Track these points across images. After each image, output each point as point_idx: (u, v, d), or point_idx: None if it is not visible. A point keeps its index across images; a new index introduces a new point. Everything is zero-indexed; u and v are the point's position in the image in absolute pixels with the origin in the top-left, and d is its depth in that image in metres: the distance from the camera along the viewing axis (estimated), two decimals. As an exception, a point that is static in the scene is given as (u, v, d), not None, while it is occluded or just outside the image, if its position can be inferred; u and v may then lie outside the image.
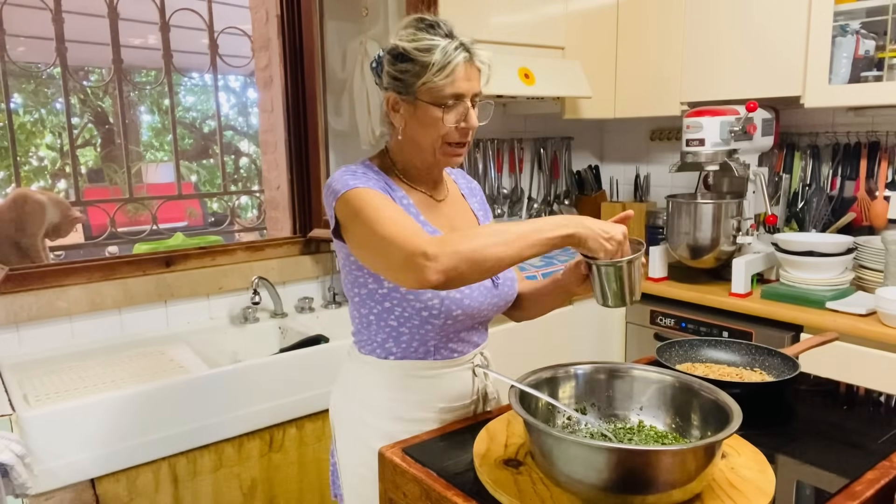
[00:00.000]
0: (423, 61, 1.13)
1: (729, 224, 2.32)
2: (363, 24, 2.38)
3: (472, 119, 1.18)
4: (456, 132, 1.18)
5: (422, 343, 1.24)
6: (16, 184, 3.56)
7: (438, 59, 1.12)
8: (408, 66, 1.15)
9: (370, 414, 1.27)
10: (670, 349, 1.39)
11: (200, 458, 1.78)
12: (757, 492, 0.90)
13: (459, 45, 1.15)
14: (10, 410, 1.53)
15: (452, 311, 1.20)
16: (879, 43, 2.09)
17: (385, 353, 1.26)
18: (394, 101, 1.19)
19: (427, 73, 1.13)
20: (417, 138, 1.20)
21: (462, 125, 1.17)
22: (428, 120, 1.16)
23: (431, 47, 1.13)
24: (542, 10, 2.51)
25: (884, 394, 1.33)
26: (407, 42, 1.15)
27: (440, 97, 1.14)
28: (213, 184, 8.27)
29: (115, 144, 7.69)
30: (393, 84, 1.18)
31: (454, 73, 1.13)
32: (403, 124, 1.20)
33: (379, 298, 1.22)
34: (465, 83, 1.15)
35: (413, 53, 1.14)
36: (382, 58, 1.20)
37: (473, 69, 1.17)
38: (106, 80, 6.28)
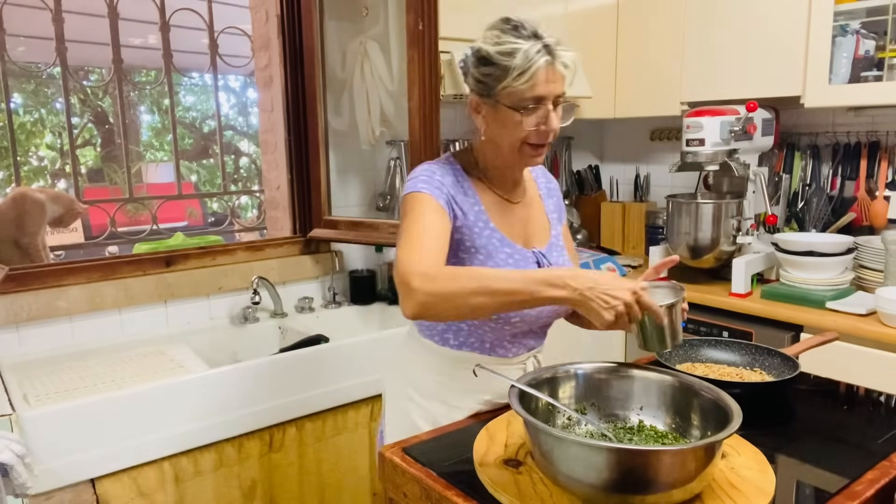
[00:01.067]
0: (505, 65, 1.13)
1: (729, 224, 2.32)
2: (363, 24, 2.38)
3: (552, 122, 1.17)
4: (535, 135, 1.18)
5: (478, 340, 1.27)
6: (16, 183, 3.55)
7: (519, 63, 1.12)
8: (490, 70, 1.16)
9: (418, 393, 1.32)
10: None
11: (200, 458, 1.78)
12: (757, 492, 0.90)
13: (542, 47, 1.14)
14: (10, 410, 1.53)
15: (511, 317, 1.23)
16: (879, 43, 2.09)
17: (443, 342, 1.30)
18: (476, 104, 1.21)
19: (508, 77, 1.13)
20: (498, 140, 1.21)
21: (542, 128, 1.17)
22: (508, 123, 1.17)
23: (514, 51, 1.13)
24: (541, 10, 2.51)
25: (884, 394, 1.33)
26: (490, 45, 1.16)
27: (520, 101, 1.15)
28: (213, 184, 8.27)
29: (115, 144, 7.69)
30: (476, 86, 1.19)
31: (535, 77, 1.13)
32: (485, 126, 1.22)
33: None
34: (545, 86, 1.14)
35: (495, 57, 1.14)
36: (468, 58, 1.21)
37: (556, 71, 1.15)
38: (106, 80, 6.27)
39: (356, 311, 2.52)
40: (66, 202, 2.77)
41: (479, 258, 1.22)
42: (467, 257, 1.23)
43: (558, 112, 1.19)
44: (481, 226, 1.24)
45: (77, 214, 2.80)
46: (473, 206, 1.24)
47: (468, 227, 1.23)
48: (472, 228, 1.23)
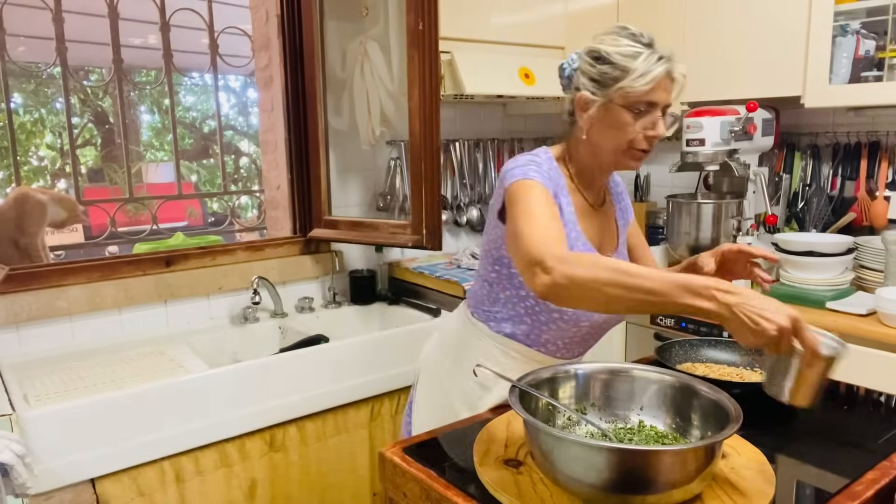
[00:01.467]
0: (624, 66, 1.16)
1: (729, 224, 2.31)
2: (363, 24, 2.38)
3: (661, 128, 1.20)
4: (643, 139, 1.20)
5: (537, 336, 1.29)
6: (16, 183, 3.56)
7: (640, 66, 1.15)
8: (607, 69, 1.18)
9: (457, 370, 1.35)
10: (670, 349, 1.39)
11: (200, 458, 1.78)
12: (757, 492, 0.90)
13: (661, 56, 1.17)
14: (10, 410, 1.53)
15: (581, 320, 1.25)
16: (880, 43, 2.09)
17: (498, 329, 1.32)
18: (585, 101, 1.22)
19: (627, 77, 1.16)
20: (601, 140, 1.23)
21: (650, 132, 1.19)
22: (617, 123, 1.19)
23: (636, 54, 1.16)
24: (542, 10, 2.51)
25: (884, 394, 1.33)
26: (610, 46, 1.19)
27: (635, 102, 1.17)
28: (213, 184, 8.27)
29: (115, 144, 7.69)
30: (588, 84, 1.21)
31: (654, 81, 1.16)
32: (589, 125, 1.23)
33: (518, 284, 1.27)
34: (661, 93, 1.18)
35: (615, 57, 1.17)
36: (576, 60, 1.24)
37: (670, 81, 1.19)
38: (106, 80, 6.27)
39: (356, 311, 2.52)
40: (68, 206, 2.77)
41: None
42: None
43: (665, 120, 1.21)
44: (570, 226, 1.24)
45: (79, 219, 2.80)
46: (567, 206, 1.25)
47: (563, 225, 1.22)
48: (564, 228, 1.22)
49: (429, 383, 1.43)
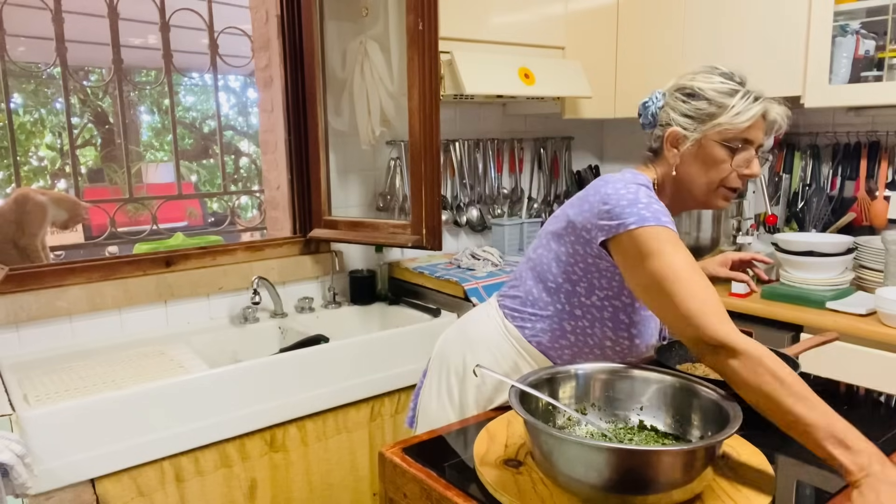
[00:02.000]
0: (721, 102, 1.16)
1: (729, 224, 2.32)
2: (363, 24, 2.38)
3: (756, 168, 1.19)
4: (737, 178, 1.19)
5: (572, 354, 1.27)
6: (16, 184, 3.56)
7: (738, 103, 1.16)
8: (703, 105, 1.18)
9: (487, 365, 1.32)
10: (670, 349, 1.39)
11: (200, 458, 1.78)
12: (757, 492, 0.90)
13: (758, 96, 1.18)
14: (10, 410, 1.53)
15: (627, 354, 1.24)
16: (879, 43, 2.09)
17: (532, 338, 1.29)
18: (677, 137, 1.21)
19: (724, 114, 1.16)
20: (693, 177, 1.21)
21: (744, 171, 1.19)
22: (712, 160, 1.18)
23: (732, 91, 1.17)
24: (542, 10, 2.51)
25: (884, 394, 1.33)
26: (704, 83, 1.19)
27: (731, 139, 1.17)
28: (213, 184, 8.28)
29: (115, 144, 7.69)
30: (681, 120, 1.20)
31: (751, 120, 1.16)
32: (678, 161, 1.21)
33: (575, 303, 1.24)
34: (757, 132, 1.18)
35: (710, 94, 1.18)
36: (661, 98, 1.23)
37: (766, 122, 1.20)
38: (106, 80, 6.28)
39: (356, 311, 2.52)
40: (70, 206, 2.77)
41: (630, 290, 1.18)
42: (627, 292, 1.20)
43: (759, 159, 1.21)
44: None
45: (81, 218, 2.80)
46: None
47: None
48: None
49: (442, 377, 1.39)
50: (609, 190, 1.14)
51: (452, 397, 1.37)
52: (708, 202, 1.23)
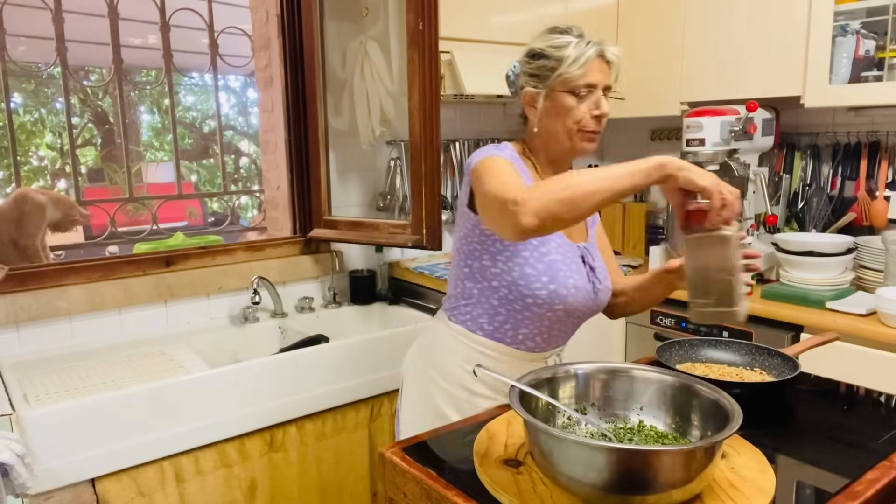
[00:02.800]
0: (559, 56, 1.25)
1: (729, 224, 2.31)
2: (363, 24, 2.38)
3: (604, 106, 1.27)
4: (591, 119, 1.27)
5: (514, 328, 1.32)
6: (16, 184, 3.55)
7: (572, 53, 1.24)
8: (544, 62, 1.27)
9: (441, 377, 1.37)
10: (670, 349, 1.39)
11: (200, 458, 1.78)
12: (757, 492, 0.90)
13: (590, 41, 1.26)
14: (10, 410, 1.53)
15: (555, 304, 1.28)
16: (879, 43, 2.09)
17: (475, 328, 1.34)
18: (530, 97, 1.31)
19: (562, 65, 1.25)
20: (552, 128, 1.30)
21: (595, 112, 1.27)
22: (563, 109, 1.27)
23: (566, 44, 1.26)
24: (542, 10, 2.51)
25: (884, 394, 1.33)
26: (542, 43, 1.29)
27: (575, 86, 1.25)
28: (213, 184, 8.28)
29: (115, 144, 7.69)
30: (530, 81, 1.30)
31: (587, 64, 1.24)
32: (539, 117, 1.31)
33: (489, 276, 1.30)
34: (597, 74, 1.26)
35: (548, 51, 1.27)
36: (518, 66, 1.33)
37: (604, 63, 1.28)
38: (106, 80, 6.28)
39: (356, 311, 2.52)
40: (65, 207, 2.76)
41: (533, 243, 1.28)
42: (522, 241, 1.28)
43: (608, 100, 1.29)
44: None
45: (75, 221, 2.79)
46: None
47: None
48: None
49: (413, 392, 1.44)
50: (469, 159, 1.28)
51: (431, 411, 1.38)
52: (573, 147, 1.30)
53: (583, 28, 1.30)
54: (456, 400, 1.35)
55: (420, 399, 1.41)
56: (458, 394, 1.35)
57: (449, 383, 1.36)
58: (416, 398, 1.42)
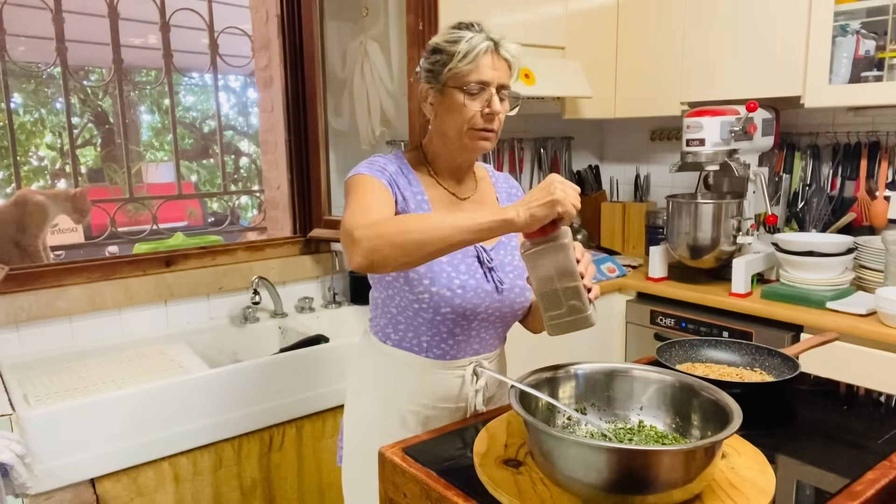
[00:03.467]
0: (451, 51, 1.21)
1: (729, 224, 2.32)
2: (363, 24, 2.38)
3: (495, 104, 1.22)
4: (481, 118, 1.22)
5: (416, 336, 1.28)
6: (16, 184, 3.55)
7: (464, 47, 1.20)
8: (437, 57, 1.23)
9: (365, 390, 1.35)
10: (670, 349, 1.39)
11: (200, 458, 1.78)
12: (757, 492, 0.90)
13: (486, 37, 1.22)
14: (10, 410, 1.53)
15: (441, 307, 1.22)
16: (879, 43, 2.09)
17: (384, 338, 1.32)
18: (424, 92, 1.27)
19: (453, 60, 1.20)
20: (444, 127, 1.26)
21: (486, 111, 1.22)
22: (454, 106, 1.22)
23: (459, 38, 1.21)
24: (542, 10, 2.51)
25: (884, 394, 1.33)
26: (439, 37, 1.25)
27: (464, 82, 1.21)
28: (213, 184, 8.28)
29: (115, 144, 7.69)
30: (425, 76, 1.26)
31: (477, 59, 1.20)
32: (434, 115, 1.27)
33: (385, 284, 1.29)
34: (489, 71, 1.21)
35: (442, 45, 1.23)
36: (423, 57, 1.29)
37: (500, 60, 1.23)
38: (106, 79, 6.28)
39: (356, 311, 2.52)
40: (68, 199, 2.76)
41: None
42: None
43: (504, 103, 1.24)
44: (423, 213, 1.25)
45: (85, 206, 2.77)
46: (416, 196, 1.27)
47: (408, 213, 1.25)
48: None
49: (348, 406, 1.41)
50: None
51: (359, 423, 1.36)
52: (463, 146, 1.25)
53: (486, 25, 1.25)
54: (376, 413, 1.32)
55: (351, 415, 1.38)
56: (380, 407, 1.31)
57: (372, 397, 1.33)
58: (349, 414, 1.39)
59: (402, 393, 1.30)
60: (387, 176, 1.25)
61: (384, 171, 1.25)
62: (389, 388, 1.31)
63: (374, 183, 1.21)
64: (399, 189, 1.25)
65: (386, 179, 1.24)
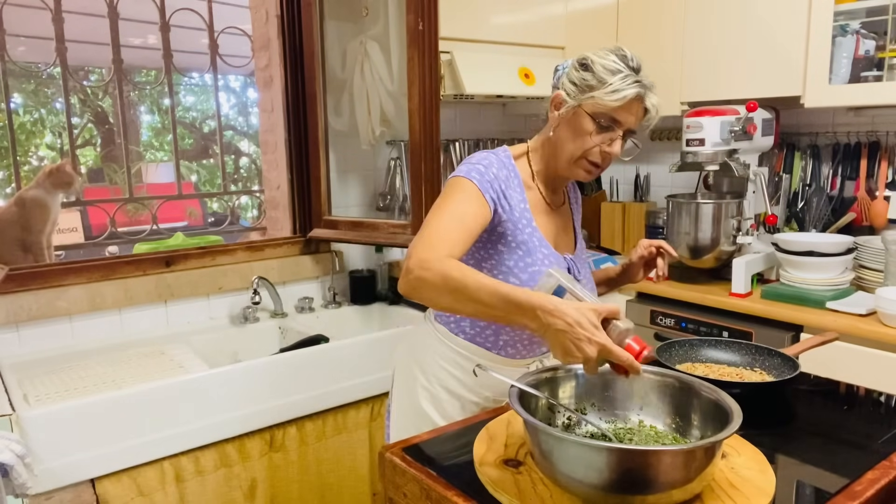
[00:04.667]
0: (602, 78, 1.21)
1: (729, 224, 2.31)
2: (363, 24, 2.38)
3: (616, 147, 1.24)
4: (598, 153, 1.24)
5: (494, 334, 1.30)
6: (16, 184, 3.55)
7: (617, 83, 1.20)
8: (587, 76, 1.23)
9: (424, 376, 1.37)
10: (670, 349, 1.39)
11: (200, 458, 1.78)
12: (757, 492, 0.90)
13: (638, 80, 1.22)
14: (10, 410, 1.53)
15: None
16: (879, 43, 2.09)
17: (458, 330, 1.33)
18: (559, 100, 1.27)
19: (601, 88, 1.21)
20: (562, 143, 1.27)
21: (606, 148, 1.24)
22: (579, 130, 1.24)
23: (616, 70, 1.21)
24: (542, 10, 2.51)
25: (884, 394, 1.33)
26: (598, 57, 1.24)
27: (601, 114, 1.22)
28: (213, 184, 8.27)
29: (115, 144, 7.69)
30: (567, 86, 1.26)
31: (623, 100, 1.20)
32: (557, 125, 1.27)
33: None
34: (626, 114, 1.23)
35: (597, 68, 1.22)
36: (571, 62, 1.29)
37: (639, 107, 1.25)
38: (106, 80, 6.28)
39: (356, 311, 2.52)
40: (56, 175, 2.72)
41: (518, 253, 1.26)
42: (506, 251, 1.26)
43: (625, 144, 1.26)
44: (524, 223, 1.27)
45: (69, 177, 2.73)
46: (520, 203, 1.28)
47: (513, 222, 1.26)
48: (516, 224, 1.26)
49: (400, 389, 1.43)
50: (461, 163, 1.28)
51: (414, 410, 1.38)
52: (570, 171, 1.28)
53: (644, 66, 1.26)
54: (437, 400, 1.35)
55: (406, 397, 1.41)
56: (439, 394, 1.35)
57: (430, 383, 1.35)
58: (402, 396, 1.42)
59: (468, 385, 1.33)
60: (495, 188, 1.23)
61: (495, 181, 1.23)
62: (454, 379, 1.33)
63: (473, 195, 1.19)
64: (505, 198, 1.25)
65: (491, 193, 1.22)
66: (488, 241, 1.26)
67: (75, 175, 2.77)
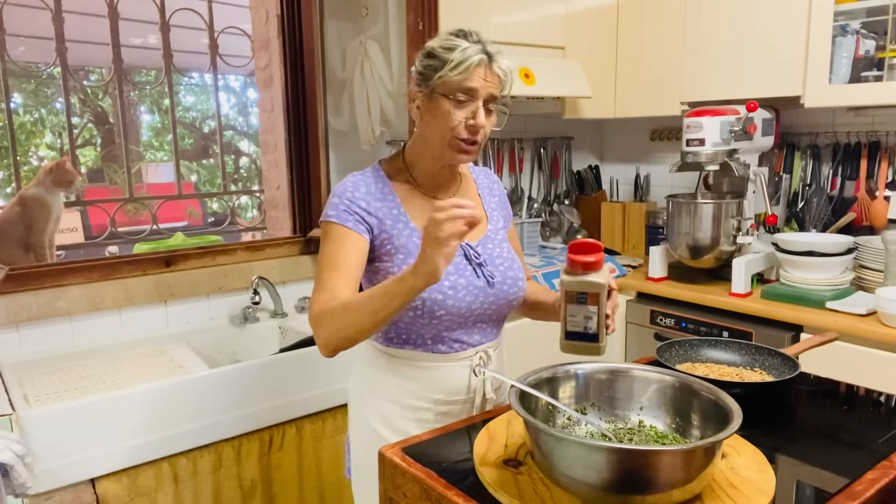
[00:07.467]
0: (444, 57, 1.20)
1: (729, 224, 2.31)
2: (363, 24, 2.38)
3: (481, 118, 1.22)
4: (464, 129, 1.22)
5: (418, 336, 1.29)
6: (16, 184, 3.56)
7: (457, 56, 1.19)
8: (430, 62, 1.23)
9: (371, 395, 1.35)
10: (670, 349, 1.39)
11: (200, 458, 1.78)
12: (757, 492, 0.90)
13: (482, 49, 1.21)
14: (10, 410, 1.53)
15: (435, 311, 1.24)
16: (879, 43, 2.09)
17: (386, 341, 1.32)
18: (413, 94, 1.28)
19: (445, 67, 1.20)
20: (428, 132, 1.26)
21: (470, 122, 1.22)
22: (439, 113, 1.22)
23: (454, 46, 1.21)
24: (542, 10, 2.51)
25: (884, 394, 1.33)
26: (435, 42, 1.25)
27: (453, 90, 1.20)
28: (213, 184, 8.27)
29: (115, 144, 7.68)
30: (416, 78, 1.26)
31: (468, 70, 1.19)
32: (419, 118, 1.27)
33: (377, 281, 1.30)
34: (478, 82, 1.20)
35: (437, 51, 1.22)
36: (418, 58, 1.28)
37: (492, 73, 1.22)
38: (106, 80, 6.28)
39: (356, 311, 2.51)
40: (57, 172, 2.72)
41: (399, 257, 1.27)
42: (389, 259, 1.28)
43: (491, 116, 1.25)
44: (401, 227, 1.27)
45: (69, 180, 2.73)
46: (392, 210, 1.28)
47: (387, 231, 1.27)
48: (391, 232, 1.27)
49: (354, 417, 1.40)
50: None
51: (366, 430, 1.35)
52: (444, 155, 1.26)
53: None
54: (387, 417, 1.32)
55: (359, 423, 1.37)
56: (390, 410, 1.32)
57: (379, 400, 1.33)
58: (355, 422, 1.39)
59: (413, 391, 1.30)
60: (353, 209, 1.26)
61: (351, 204, 1.26)
62: (399, 388, 1.31)
63: (336, 234, 1.26)
64: (371, 214, 1.27)
65: (353, 218, 1.26)
66: (375, 258, 1.29)
67: (75, 172, 2.76)
